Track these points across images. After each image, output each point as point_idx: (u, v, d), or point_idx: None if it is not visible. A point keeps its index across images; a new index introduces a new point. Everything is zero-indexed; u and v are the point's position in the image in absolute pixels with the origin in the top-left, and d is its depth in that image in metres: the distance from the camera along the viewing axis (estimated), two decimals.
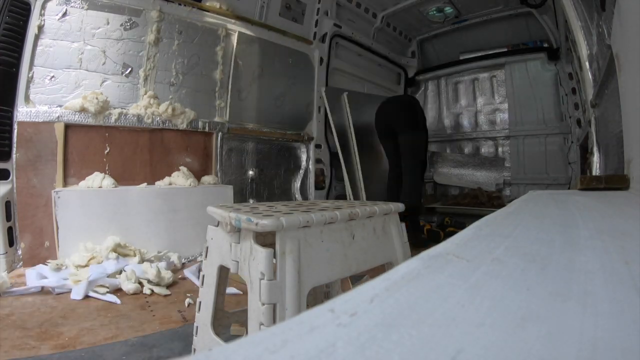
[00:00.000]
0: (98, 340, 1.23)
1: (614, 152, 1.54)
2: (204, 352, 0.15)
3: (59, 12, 2.04)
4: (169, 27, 2.47)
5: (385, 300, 0.21)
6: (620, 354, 0.15)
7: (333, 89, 3.52)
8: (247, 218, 0.70)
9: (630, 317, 0.18)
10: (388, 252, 0.94)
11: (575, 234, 0.42)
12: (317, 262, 0.74)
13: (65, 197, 1.90)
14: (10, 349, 1.13)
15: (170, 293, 1.71)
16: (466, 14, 4.00)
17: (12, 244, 1.88)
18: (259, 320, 0.66)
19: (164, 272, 1.79)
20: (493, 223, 0.49)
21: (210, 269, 0.90)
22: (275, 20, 3.08)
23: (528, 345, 0.16)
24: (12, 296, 1.56)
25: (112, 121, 2.21)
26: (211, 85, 2.73)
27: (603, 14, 1.56)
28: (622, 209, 0.67)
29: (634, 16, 1.05)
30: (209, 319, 0.89)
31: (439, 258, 0.31)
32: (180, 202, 2.25)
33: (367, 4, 3.83)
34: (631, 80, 1.11)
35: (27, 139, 1.96)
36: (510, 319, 0.19)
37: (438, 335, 0.17)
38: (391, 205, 0.95)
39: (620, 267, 0.27)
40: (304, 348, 0.16)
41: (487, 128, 4.20)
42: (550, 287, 0.23)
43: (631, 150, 1.15)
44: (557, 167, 3.58)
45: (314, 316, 0.19)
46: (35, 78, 1.99)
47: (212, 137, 2.71)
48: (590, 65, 2.12)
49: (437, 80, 4.54)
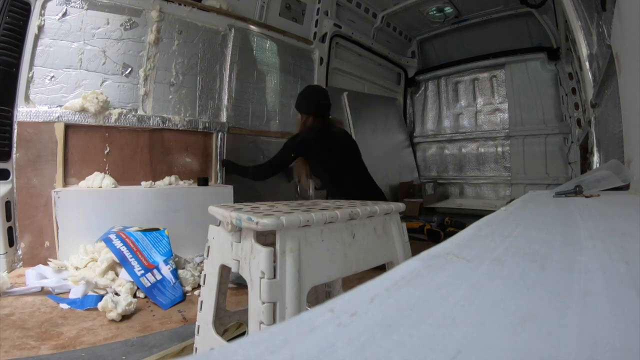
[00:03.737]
0: (98, 340, 1.23)
1: (614, 152, 1.54)
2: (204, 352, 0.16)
3: (59, 12, 2.04)
4: (169, 27, 2.47)
5: (385, 300, 0.21)
6: (620, 354, 0.15)
7: (333, 89, 3.52)
8: (248, 217, 0.70)
9: (630, 317, 0.18)
10: (389, 252, 0.94)
11: (575, 234, 0.42)
12: (317, 262, 0.74)
13: (65, 197, 1.90)
14: (10, 349, 1.13)
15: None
16: (466, 14, 4.01)
17: (12, 244, 1.88)
18: (259, 319, 0.66)
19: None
20: (493, 223, 0.50)
21: (211, 268, 0.90)
22: (275, 20, 3.08)
23: (528, 345, 0.16)
24: (12, 296, 1.56)
25: (112, 121, 2.21)
26: (211, 85, 2.73)
27: (603, 14, 1.56)
28: (622, 209, 0.67)
29: (634, 16, 1.05)
30: (210, 318, 0.89)
31: (439, 258, 0.31)
32: (180, 202, 2.25)
33: (367, 4, 3.83)
34: (631, 80, 1.11)
35: (27, 139, 1.96)
36: (510, 319, 0.19)
37: (438, 335, 0.17)
38: (392, 205, 0.95)
39: (620, 267, 0.27)
40: (304, 348, 0.16)
41: (487, 128, 4.20)
42: (550, 287, 0.23)
43: (631, 150, 1.15)
44: (557, 167, 3.58)
45: (314, 316, 0.19)
46: (35, 78, 1.99)
47: (212, 137, 2.71)
48: (590, 65, 2.12)
49: (437, 80, 4.55)
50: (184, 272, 1.83)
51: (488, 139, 4.18)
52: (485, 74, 4.15)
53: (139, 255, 1.72)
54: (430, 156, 4.62)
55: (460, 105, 4.41)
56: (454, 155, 4.43)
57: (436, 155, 4.58)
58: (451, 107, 4.48)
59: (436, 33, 4.42)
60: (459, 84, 4.39)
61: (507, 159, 4.02)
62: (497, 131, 4.09)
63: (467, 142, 4.34)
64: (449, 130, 4.48)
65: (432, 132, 4.61)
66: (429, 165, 4.63)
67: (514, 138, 3.91)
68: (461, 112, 4.40)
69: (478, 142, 4.25)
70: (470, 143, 4.31)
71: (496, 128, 4.12)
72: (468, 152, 4.33)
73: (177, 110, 2.55)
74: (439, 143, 4.54)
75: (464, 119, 4.38)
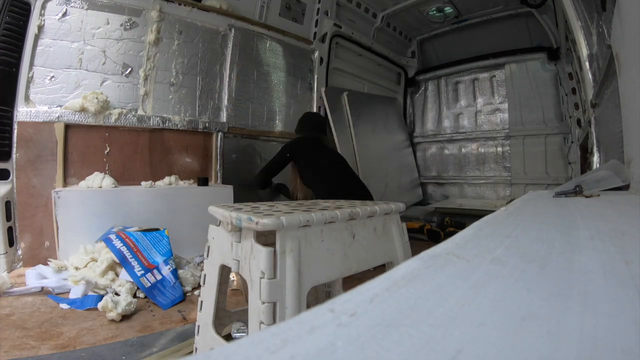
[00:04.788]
0: (98, 340, 1.23)
1: (614, 152, 1.54)
2: (204, 352, 0.16)
3: (59, 12, 2.04)
4: (169, 27, 2.47)
5: (385, 300, 0.21)
6: (620, 354, 0.15)
7: (333, 89, 3.52)
8: (248, 217, 0.70)
9: (630, 317, 0.18)
10: (389, 252, 0.94)
11: (575, 234, 0.42)
12: (317, 261, 0.74)
13: (65, 197, 1.90)
14: (10, 349, 1.13)
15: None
16: (466, 14, 4.01)
17: (12, 244, 1.88)
18: (259, 319, 0.66)
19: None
20: (493, 223, 0.49)
21: (211, 268, 0.90)
22: (275, 20, 3.08)
23: (528, 345, 0.16)
24: (12, 296, 1.56)
25: (112, 121, 2.21)
26: (211, 85, 2.73)
27: (603, 14, 1.56)
28: (622, 209, 0.67)
29: (634, 16, 1.05)
30: (210, 318, 0.89)
31: (439, 258, 0.31)
32: (180, 202, 2.25)
33: (367, 4, 3.83)
34: (631, 80, 1.11)
35: (27, 139, 1.96)
36: (510, 319, 0.19)
37: (438, 335, 0.17)
38: (392, 205, 0.95)
39: (620, 267, 0.27)
40: (304, 348, 0.16)
41: (487, 128, 4.20)
42: (550, 287, 0.23)
43: (631, 150, 1.15)
44: (557, 167, 3.58)
45: (314, 316, 0.19)
46: (35, 78, 1.99)
47: (212, 137, 2.71)
48: (590, 65, 2.12)
49: (437, 80, 4.55)
50: (184, 272, 1.83)
51: (488, 139, 4.17)
52: (485, 74, 4.15)
53: (139, 255, 1.72)
54: (430, 156, 4.62)
55: (460, 105, 4.41)
56: (454, 155, 4.43)
57: (436, 155, 4.58)
58: (451, 107, 4.48)
59: (436, 33, 4.41)
60: (459, 84, 4.39)
61: (507, 159, 4.02)
62: (497, 131, 4.09)
63: (467, 142, 4.34)
64: (449, 130, 4.48)
65: (432, 132, 4.61)
66: (429, 165, 4.63)
67: (514, 138, 3.91)
68: (461, 112, 4.40)
69: (478, 142, 4.25)
70: (470, 143, 4.31)
71: (496, 128, 4.11)
72: (468, 152, 4.33)
73: (177, 110, 2.55)
74: (439, 143, 4.54)
75: (464, 119, 4.38)
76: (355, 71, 3.97)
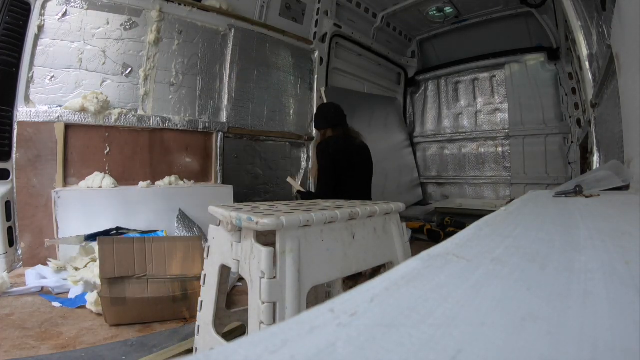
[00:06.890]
0: (98, 340, 1.23)
1: (614, 152, 1.54)
2: (204, 352, 0.16)
3: (59, 12, 2.04)
4: (169, 27, 2.47)
5: (385, 300, 0.21)
6: (620, 354, 0.15)
7: (333, 89, 3.52)
8: (248, 217, 0.70)
9: (630, 317, 0.18)
10: (388, 252, 0.94)
11: (575, 234, 0.42)
12: (317, 261, 0.74)
13: (65, 197, 1.90)
14: (10, 349, 1.13)
15: None
16: (466, 14, 4.01)
17: (12, 244, 1.88)
18: (259, 319, 0.66)
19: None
20: (493, 223, 0.49)
21: (211, 268, 0.90)
22: (275, 20, 3.08)
23: (528, 345, 0.16)
24: (12, 296, 1.56)
25: (112, 121, 2.21)
26: (211, 85, 2.73)
27: (603, 14, 1.56)
28: (622, 209, 0.67)
29: (634, 16, 1.05)
30: (210, 318, 0.89)
31: (439, 258, 0.31)
32: (180, 202, 2.25)
33: (367, 4, 3.83)
34: (631, 80, 1.11)
35: (27, 139, 1.96)
36: (511, 319, 0.19)
37: (438, 335, 0.17)
38: (392, 205, 0.95)
39: (620, 267, 0.27)
40: (304, 348, 0.16)
41: (487, 128, 4.20)
42: (550, 287, 0.23)
43: (631, 150, 1.15)
44: (557, 167, 3.58)
45: (314, 316, 0.19)
46: (35, 78, 1.99)
47: (212, 137, 2.71)
48: (590, 65, 2.12)
49: (437, 80, 4.55)
50: None
51: (488, 139, 4.18)
52: (485, 74, 4.15)
53: None
54: (430, 156, 4.62)
55: (460, 105, 4.41)
56: (454, 155, 4.43)
57: (436, 155, 4.58)
58: (451, 107, 4.48)
59: (436, 33, 4.42)
60: (459, 84, 4.39)
61: (507, 159, 4.02)
62: (497, 131, 4.09)
63: (467, 142, 4.34)
64: (449, 130, 4.48)
65: (432, 132, 4.61)
66: (429, 165, 4.63)
67: (514, 138, 3.91)
68: (461, 112, 4.40)
69: (478, 142, 4.25)
70: (470, 143, 4.31)
71: (496, 128, 4.12)
72: (468, 152, 4.33)
73: (177, 110, 2.55)
74: (439, 143, 4.54)
75: (464, 119, 4.38)
76: (355, 71, 3.97)
